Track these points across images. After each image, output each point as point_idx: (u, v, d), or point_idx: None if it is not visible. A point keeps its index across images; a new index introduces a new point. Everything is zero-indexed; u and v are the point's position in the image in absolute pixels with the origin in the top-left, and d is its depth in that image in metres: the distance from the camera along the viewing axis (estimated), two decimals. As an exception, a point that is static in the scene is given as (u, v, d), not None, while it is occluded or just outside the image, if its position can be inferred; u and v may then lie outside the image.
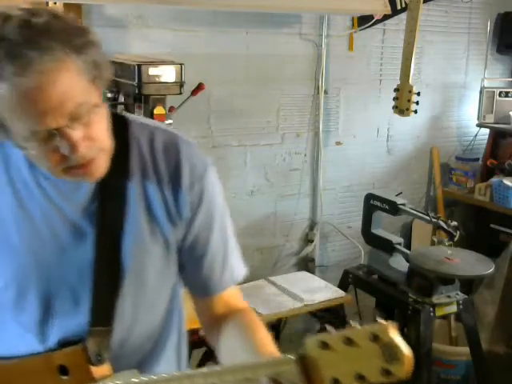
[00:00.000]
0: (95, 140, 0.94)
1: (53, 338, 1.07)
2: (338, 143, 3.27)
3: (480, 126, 3.63)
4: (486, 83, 3.63)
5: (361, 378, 0.75)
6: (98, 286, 1.04)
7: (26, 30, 0.85)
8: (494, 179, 3.41)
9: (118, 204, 1.04)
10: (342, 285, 2.85)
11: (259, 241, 3.09)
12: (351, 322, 0.78)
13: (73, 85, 0.89)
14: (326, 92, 3.13)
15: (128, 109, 2.20)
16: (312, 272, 3.15)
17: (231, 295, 1.18)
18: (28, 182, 1.03)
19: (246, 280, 1.22)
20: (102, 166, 0.98)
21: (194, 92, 2.46)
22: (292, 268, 3.23)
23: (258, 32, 2.86)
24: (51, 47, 0.86)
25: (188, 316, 1.25)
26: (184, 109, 2.37)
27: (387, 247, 2.72)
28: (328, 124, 3.20)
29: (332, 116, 3.21)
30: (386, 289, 2.68)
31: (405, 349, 0.74)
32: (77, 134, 0.91)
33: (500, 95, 3.58)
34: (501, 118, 3.58)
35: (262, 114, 2.99)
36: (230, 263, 1.17)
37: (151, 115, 2.14)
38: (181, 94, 2.24)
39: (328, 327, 0.82)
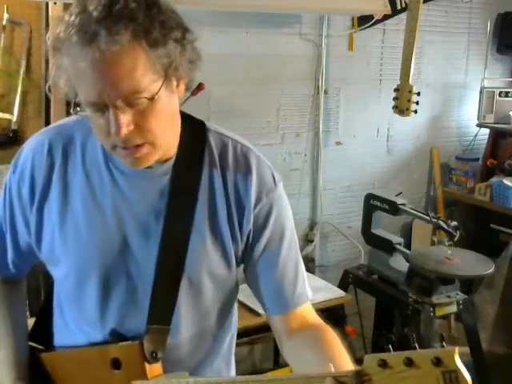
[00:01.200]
0: (145, 131, 0.95)
1: (109, 332, 1.08)
2: (338, 143, 3.27)
3: (480, 126, 3.63)
4: (486, 83, 3.62)
5: None
6: (159, 285, 1.04)
7: (107, 9, 0.87)
8: (494, 179, 3.41)
9: (186, 205, 1.04)
10: (342, 285, 2.85)
11: (259, 241, 3.08)
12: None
13: (135, 73, 0.89)
14: (326, 92, 3.13)
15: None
16: (312, 272, 3.14)
17: (306, 311, 1.17)
18: (103, 175, 1.05)
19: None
20: (146, 157, 0.98)
21: (194, 92, 2.46)
22: (292, 268, 3.22)
23: (258, 32, 2.86)
24: (121, 33, 0.86)
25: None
26: (184, 109, 2.33)
27: (387, 247, 2.72)
28: (328, 124, 3.20)
29: (332, 116, 3.21)
30: (386, 289, 2.68)
31: (467, 377, 0.71)
32: (124, 118, 0.92)
33: (500, 95, 3.58)
34: (501, 118, 3.58)
35: (262, 114, 2.99)
36: (302, 279, 1.16)
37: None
38: (181, 93, 2.24)
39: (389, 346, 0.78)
